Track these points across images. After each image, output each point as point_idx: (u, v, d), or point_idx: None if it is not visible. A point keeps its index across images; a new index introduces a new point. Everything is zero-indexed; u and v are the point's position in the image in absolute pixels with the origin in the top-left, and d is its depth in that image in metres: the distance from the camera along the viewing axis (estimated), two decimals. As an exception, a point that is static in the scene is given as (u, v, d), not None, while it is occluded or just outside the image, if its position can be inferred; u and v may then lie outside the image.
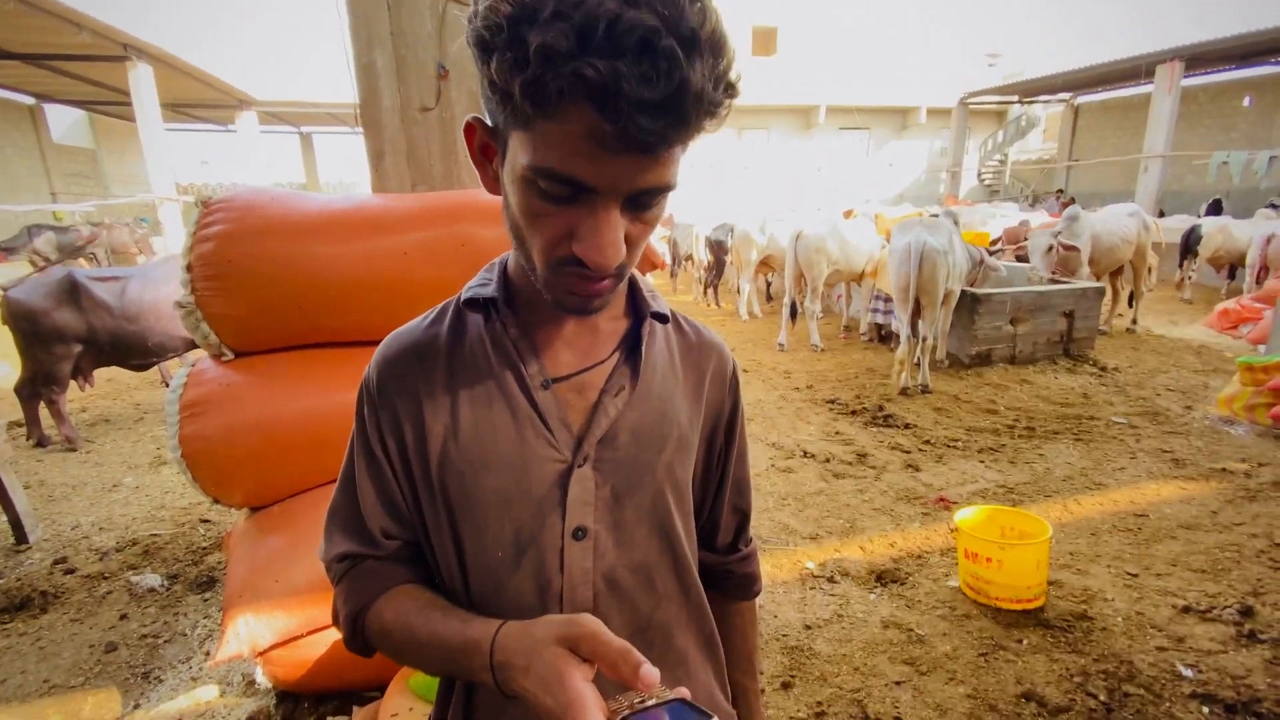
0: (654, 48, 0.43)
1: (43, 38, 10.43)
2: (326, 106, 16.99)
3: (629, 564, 0.66)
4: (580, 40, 0.43)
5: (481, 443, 0.63)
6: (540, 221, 0.53)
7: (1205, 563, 2.72)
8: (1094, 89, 19.66)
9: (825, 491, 3.48)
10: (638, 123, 0.45)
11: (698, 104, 0.46)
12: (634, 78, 0.43)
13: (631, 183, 0.50)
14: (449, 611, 0.62)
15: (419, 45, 2.20)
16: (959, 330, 5.66)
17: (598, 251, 0.51)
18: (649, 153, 0.48)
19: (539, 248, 0.54)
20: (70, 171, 17.15)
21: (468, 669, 0.56)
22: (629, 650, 0.48)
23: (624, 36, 0.43)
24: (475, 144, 0.58)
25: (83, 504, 3.51)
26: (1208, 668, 2.12)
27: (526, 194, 0.52)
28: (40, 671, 2.24)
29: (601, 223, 0.51)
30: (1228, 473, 3.55)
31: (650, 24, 0.43)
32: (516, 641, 0.53)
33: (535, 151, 0.49)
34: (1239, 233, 8.61)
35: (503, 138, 0.53)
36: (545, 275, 0.56)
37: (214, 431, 1.82)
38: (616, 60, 0.43)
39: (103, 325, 4.20)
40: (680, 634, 0.71)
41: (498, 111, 0.52)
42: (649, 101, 0.44)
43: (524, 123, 0.49)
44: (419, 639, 0.61)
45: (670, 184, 0.52)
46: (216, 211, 1.84)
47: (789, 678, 2.14)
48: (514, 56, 0.45)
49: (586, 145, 0.47)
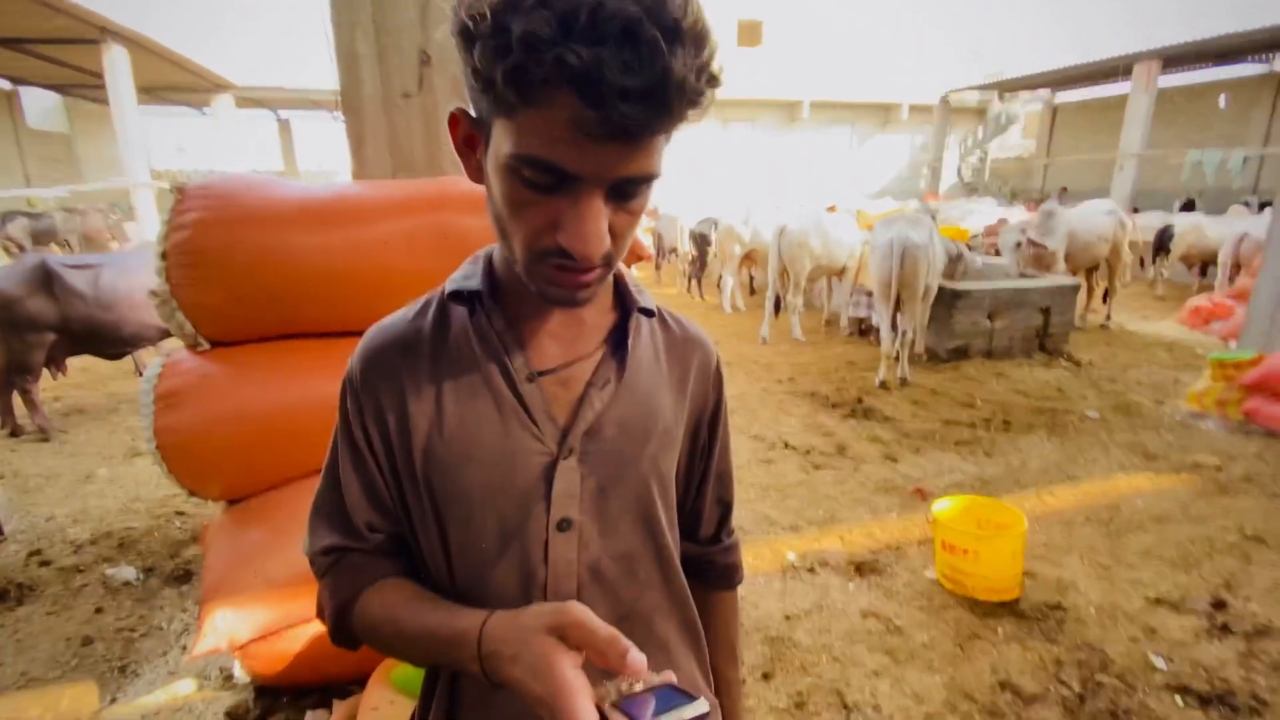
0: (636, 36, 0.44)
1: (18, 21, 10.15)
2: (305, 92, 16.70)
3: (613, 554, 0.67)
4: (563, 27, 0.43)
5: (466, 435, 0.63)
6: (523, 211, 0.53)
7: (1176, 555, 2.78)
8: (1073, 86, 19.90)
9: (806, 483, 3.52)
10: (620, 110, 0.45)
11: (680, 93, 0.46)
12: (616, 65, 0.44)
13: (615, 170, 0.50)
14: (436, 604, 0.62)
15: (401, 32, 2.17)
16: (937, 325, 5.72)
17: (581, 241, 0.51)
18: (632, 140, 0.48)
19: (522, 237, 0.54)
20: (44, 156, 16.77)
21: (456, 660, 0.57)
22: (616, 637, 0.48)
23: (607, 24, 0.43)
24: (459, 135, 0.57)
25: (57, 495, 3.45)
26: (1180, 659, 2.17)
27: (510, 183, 0.52)
28: (17, 664, 2.20)
29: (585, 211, 0.51)
30: (1199, 466, 3.64)
31: (633, 13, 0.44)
32: (504, 631, 0.53)
33: (519, 139, 0.49)
34: (1211, 231, 8.78)
35: (486, 127, 0.53)
36: (529, 265, 0.56)
37: (190, 423, 1.79)
38: (599, 48, 0.43)
39: (76, 313, 4.12)
40: (662, 622, 0.72)
41: (481, 100, 0.52)
42: (631, 89, 0.44)
43: (507, 111, 0.49)
44: (406, 632, 0.61)
45: (654, 172, 0.52)
46: (193, 199, 1.80)
47: (769, 667, 2.16)
48: (497, 44, 0.45)
49: (569, 132, 0.47)
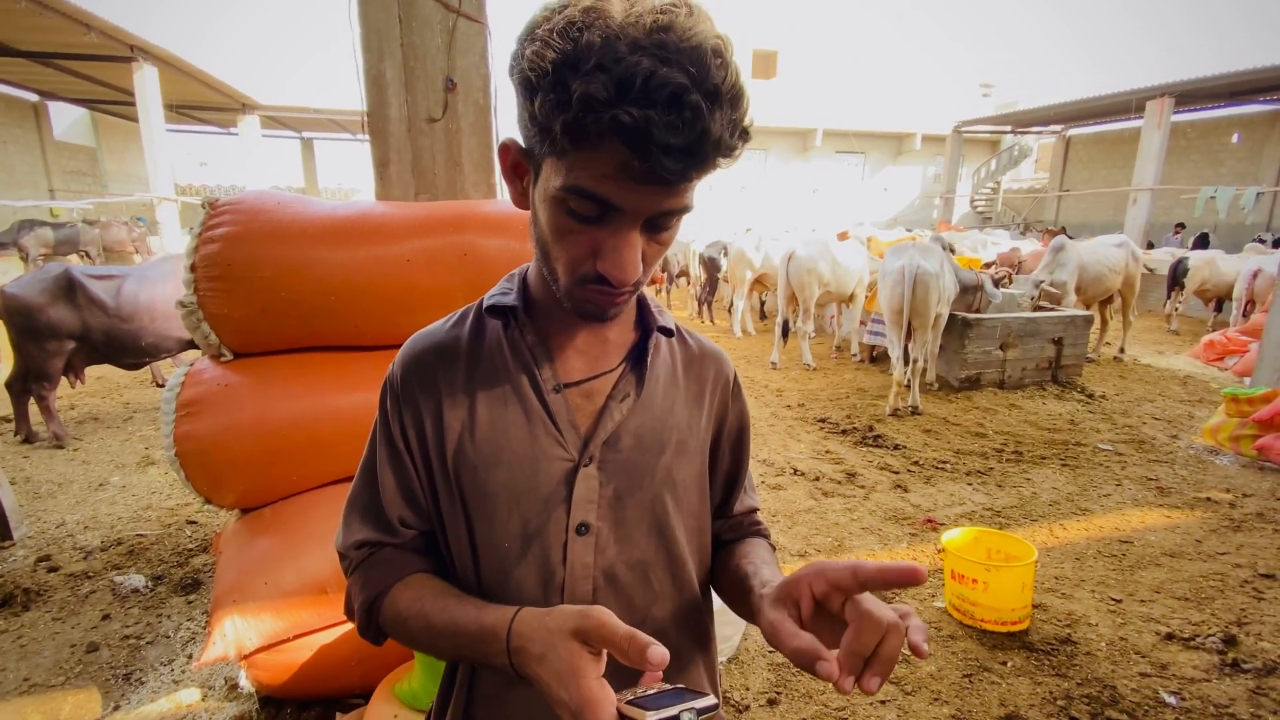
0: (682, 101, 0.49)
1: (50, 36, 10.48)
2: (329, 113, 17.07)
3: (628, 560, 0.70)
4: (619, 90, 0.48)
5: (495, 439, 0.68)
6: (568, 239, 0.59)
7: (1189, 591, 2.74)
8: (1085, 122, 20.01)
9: (814, 510, 3.50)
10: (663, 163, 0.50)
11: (716, 148, 0.52)
12: (663, 125, 0.49)
13: (652, 207, 0.56)
14: (463, 599, 0.65)
15: (428, 58, 2.24)
16: (949, 354, 5.72)
17: (619, 269, 0.57)
18: (670, 186, 0.54)
19: (564, 262, 0.60)
20: (69, 169, 17.15)
21: (484, 654, 0.59)
22: (635, 634, 0.50)
23: (657, 90, 0.48)
24: (508, 162, 0.63)
25: (68, 502, 3.49)
26: (1191, 695, 2.14)
27: (556, 213, 0.57)
28: (20, 670, 2.21)
29: (623, 242, 0.57)
30: (1212, 502, 3.60)
31: (680, 81, 0.49)
32: (531, 629, 0.56)
33: (569, 174, 0.54)
34: (1225, 266, 8.75)
35: (536, 162, 0.59)
36: (569, 288, 0.61)
37: (209, 431, 1.82)
38: (649, 110, 0.48)
39: (97, 323, 4.19)
40: (674, 631, 0.74)
41: (534, 140, 0.57)
42: (674, 146, 0.50)
43: (559, 153, 0.54)
44: (435, 626, 0.64)
45: (687, 207, 0.58)
46: (223, 213, 1.85)
47: (775, 694, 2.14)
48: (556, 99, 0.50)
49: (616, 173, 0.53)
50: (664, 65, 0.48)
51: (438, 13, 2.24)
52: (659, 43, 0.49)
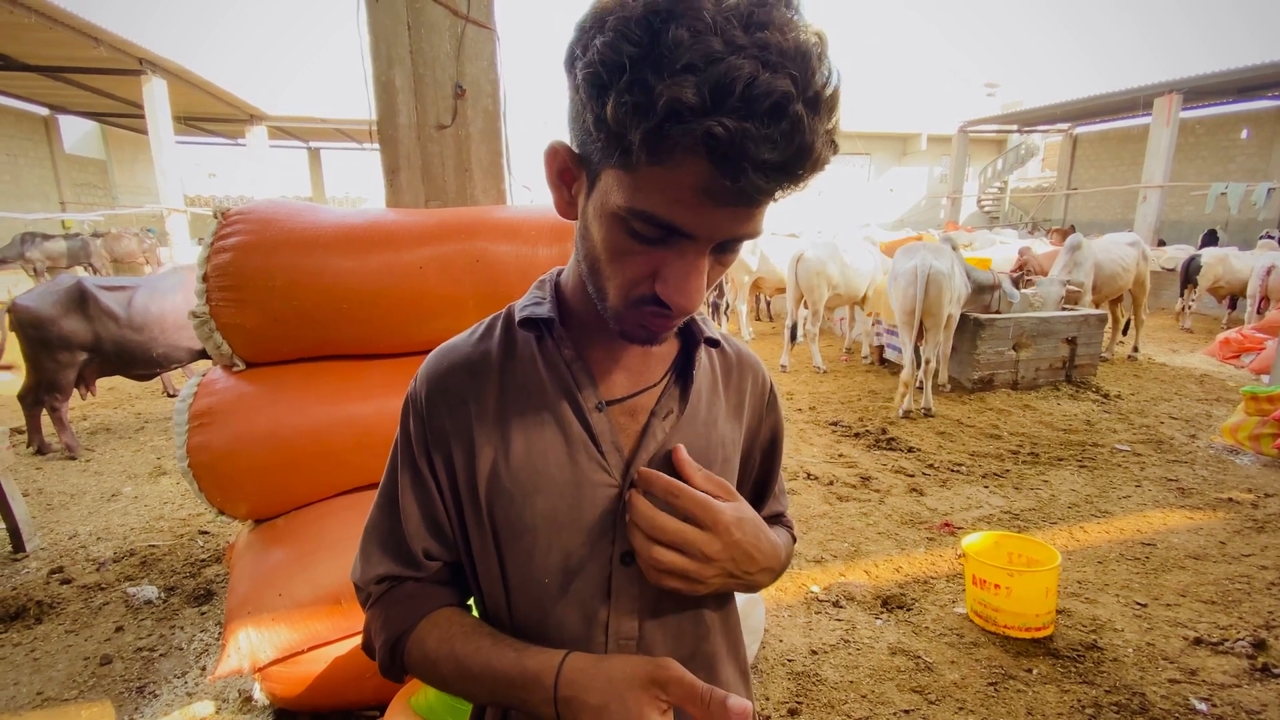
0: (785, 112, 0.43)
1: (60, 51, 10.59)
2: (336, 122, 17.16)
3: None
4: (715, 98, 0.42)
5: (533, 466, 0.61)
6: (625, 260, 0.52)
7: (1215, 594, 2.69)
8: (1092, 119, 19.91)
9: (829, 514, 3.46)
10: (753, 181, 0.44)
11: (813, 164, 0.47)
12: (760, 139, 0.43)
13: (726, 232, 0.50)
14: (498, 639, 0.60)
15: (437, 64, 2.23)
16: (961, 355, 5.66)
17: (684, 296, 0.51)
18: (751, 206, 0.48)
19: (618, 284, 0.54)
20: (80, 181, 17.32)
21: (523, 701, 0.55)
22: (714, 688, 0.49)
23: (759, 100, 0.42)
24: (556, 167, 0.56)
25: (81, 513, 3.49)
26: (1221, 701, 2.09)
27: (615, 231, 0.51)
28: (34, 683, 2.20)
29: (690, 268, 0.51)
30: (1234, 502, 3.53)
31: (785, 89, 0.42)
32: (588, 678, 0.52)
33: (636, 194, 0.48)
34: (1239, 263, 8.66)
35: (594, 170, 0.52)
36: (620, 310, 0.55)
37: (222, 441, 1.81)
38: (746, 122, 0.42)
39: (109, 334, 4.21)
40: (723, 665, 0.70)
41: (596, 147, 0.49)
42: (770, 162, 0.44)
43: (628, 166, 0.47)
44: (468, 669, 0.59)
45: (760, 232, 0.51)
46: (234, 223, 1.84)
47: (795, 704, 2.11)
48: (634, 102, 0.43)
49: (694, 196, 0.46)
50: (766, 69, 0.42)
51: (446, 19, 2.23)
52: (760, 42, 0.42)
